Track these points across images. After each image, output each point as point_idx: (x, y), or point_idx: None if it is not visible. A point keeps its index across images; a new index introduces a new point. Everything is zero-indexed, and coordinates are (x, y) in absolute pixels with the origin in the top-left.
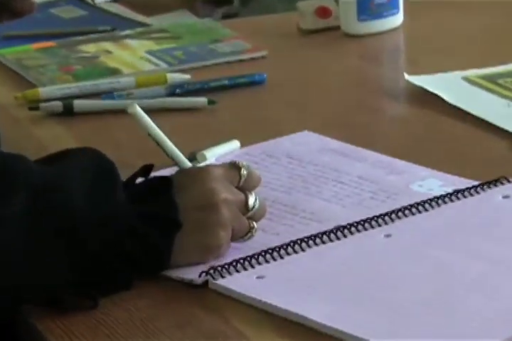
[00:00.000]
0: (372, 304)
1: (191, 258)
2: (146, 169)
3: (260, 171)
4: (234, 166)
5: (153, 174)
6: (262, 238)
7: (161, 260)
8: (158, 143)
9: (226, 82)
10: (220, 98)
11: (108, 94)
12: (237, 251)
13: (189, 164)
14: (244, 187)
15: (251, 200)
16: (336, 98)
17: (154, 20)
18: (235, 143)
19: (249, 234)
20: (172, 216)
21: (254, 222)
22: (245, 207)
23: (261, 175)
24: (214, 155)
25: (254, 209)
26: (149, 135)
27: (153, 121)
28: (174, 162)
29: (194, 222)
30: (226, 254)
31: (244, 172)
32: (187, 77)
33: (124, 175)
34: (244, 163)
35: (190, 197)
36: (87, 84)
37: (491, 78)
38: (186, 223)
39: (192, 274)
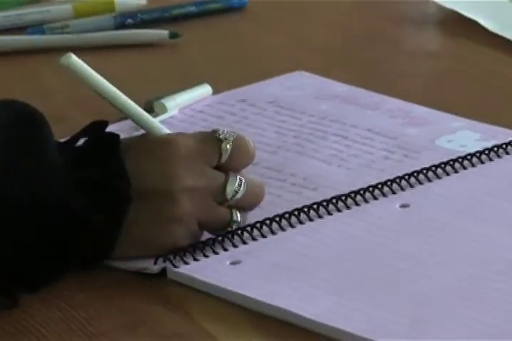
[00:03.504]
0: (384, 295)
1: (139, 252)
2: (97, 127)
3: (239, 124)
4: (213, 138)
5: None
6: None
7: (103, 248)
8: (110, 102)
9: (193, 8)
10: (186, 30)
11: (36, 27)
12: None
13: (162, 129)
14: (228, 165)
15: (230, 187)
16: (340, 27)
17: None
18: (206, 89)
19: (227, 229)
20: (122, 187)
21: (237, 213)
22: (222, 195)
23: (240, 130)
24: (177, 104)
25: (236, 197)
26: (96, 92)
27: (99, 61)
28: (138, 125)
29: (145, 210)
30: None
31: (226, 146)
32: (142, 2)
33: (57, 132)
34: (230, 134)
35: (145, 177)
36: (8, 15)
37: None
38: (136, 211)
39: (146, 261)
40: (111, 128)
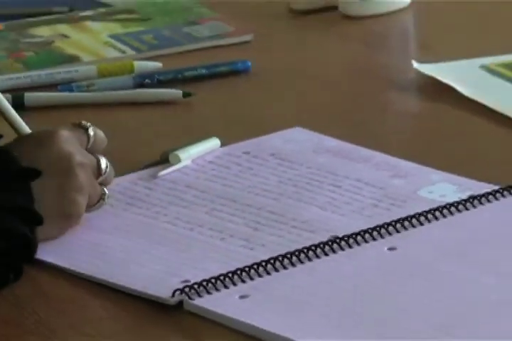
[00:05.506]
0: (375, 328)
1: (51, 231)
2: None
3: (245, 174)
4: (79, 126)
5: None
6: (246, 250)
7: (30, 250)
8: None
9: (204, 70)
10: (197, 89)
11: (65, 85)
12: (217, 265)
13: (28, 130)
14: (93, 149)
15: (103, 163)
16: (333, 89)
17: (117, 1)
18: (215, 142)
19: (101, 201)
20: (32, 210)
21: (105, 188)
22: (98, 171)
23: (246, 178)
24: (190, 156)
25: (106, 174)
26: None
27: (119, 116)
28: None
29: (50, 189)
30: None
31: (91, 132)
32: (159, 65)
33: None
34: (88, 123)
35: (43, 163)
36: (41, 74)
37: None
38: (42, 192)
39: (163, 291)
40: (131, 177)
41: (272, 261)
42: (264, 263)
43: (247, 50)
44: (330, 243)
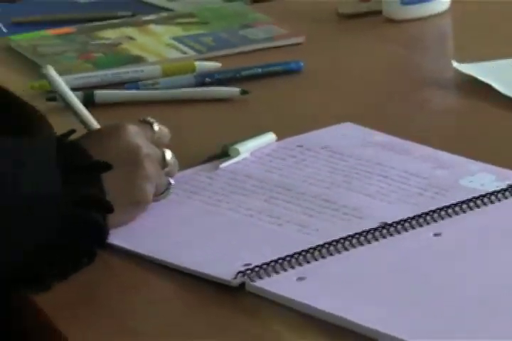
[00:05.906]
0: (421, 308)
1: (122, 218)
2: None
3: (299, 165)
4: (145, 122)
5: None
6: (302, 235)
7: (102, 236)
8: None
9: (259, 70)
10: (253, 88)
11: (132, 83)
12: (275, 249)
13: (98, 125)
14: (158, 142)
15: (168, 155)
16: (378, 88)
17: (175, 5)
18: (271, 136)
19: (166, 191)
20: (104, 200)
21: (170, 179)
22: (163, 163)
23: (300, 169)
24: (248, 149)
25: (171, 165)
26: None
27: (182, 112)
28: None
29: (120, 179)
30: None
31: (156, 127)
32: (218, 65)
33: None
34: (152, 119)
35: (112, 154)
36: (109, 73)
37: None
38: (112, 181)
39: (226, 274)
40: (194, 169)
41: (326, 246)
42: (319, 248)
43: (298, 52)
44: (380, 229)
